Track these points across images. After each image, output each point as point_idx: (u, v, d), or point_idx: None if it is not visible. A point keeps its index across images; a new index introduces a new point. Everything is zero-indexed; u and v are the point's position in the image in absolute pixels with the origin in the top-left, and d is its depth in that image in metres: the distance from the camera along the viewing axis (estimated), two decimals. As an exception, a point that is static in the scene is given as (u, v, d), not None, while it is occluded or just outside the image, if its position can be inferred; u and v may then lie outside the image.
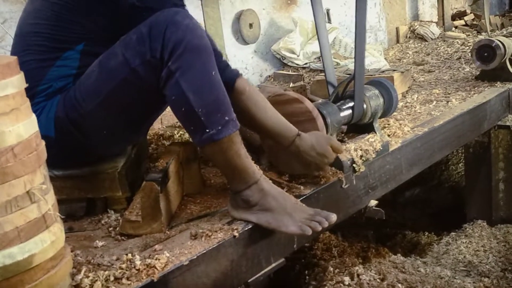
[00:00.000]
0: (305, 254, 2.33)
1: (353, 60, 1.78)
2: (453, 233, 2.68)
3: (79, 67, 1.38)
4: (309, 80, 3.11)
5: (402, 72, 2.65)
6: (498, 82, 2.72)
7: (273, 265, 1.41)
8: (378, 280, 1.89)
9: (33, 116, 0.93)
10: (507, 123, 2.63)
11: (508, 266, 2.44)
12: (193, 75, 1.22)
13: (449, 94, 2.65)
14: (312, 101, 1.61)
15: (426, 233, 2.78)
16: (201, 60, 1.23)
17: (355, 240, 2.54)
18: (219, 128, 1.23)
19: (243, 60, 3.36)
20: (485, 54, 2.69)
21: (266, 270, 1.39)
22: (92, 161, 1.43)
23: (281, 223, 1.29)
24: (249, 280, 1.35)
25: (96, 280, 1.06)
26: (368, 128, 1.82)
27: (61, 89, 1.37)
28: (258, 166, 1.34)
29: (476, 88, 2.70)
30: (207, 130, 1.23)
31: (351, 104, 1.75)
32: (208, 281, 1.23)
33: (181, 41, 1.21)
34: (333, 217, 1.30)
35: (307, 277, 2.08)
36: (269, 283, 2.07)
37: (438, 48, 4.07)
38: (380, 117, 1.89)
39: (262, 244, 1.37)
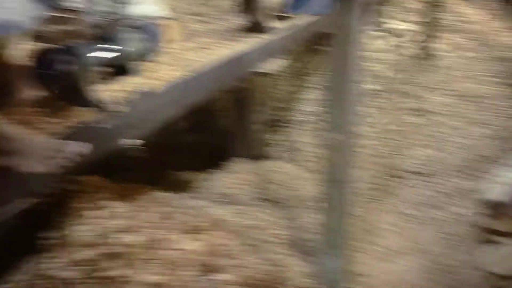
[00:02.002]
0: (60, 196, 2.22)
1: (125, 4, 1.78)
2: (216, 171, 2.96)
3: None
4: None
5: (173, 20, 2.72)
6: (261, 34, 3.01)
7: (23, 206, 1.38)
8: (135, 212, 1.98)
9: None
10: (263, 71, 2.97)
11: (263, 196, 2.84)
12: None
13: (218, 43, 2.83)
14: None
15: (191, 172, 2.99)
16: None
17: (115, 180, 2.50)
18: None
19: None
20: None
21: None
22: None
23: (22, 165, 1.25)
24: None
25: None
26: (131, 70, 1.86)
27: None
28: None
29: (243, 39, 2.95)
30: None
31: (114, 46, 1.76)
32: None
33: None
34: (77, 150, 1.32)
35: (61, 217, 2.02)
36: (20, 224, 1.95)
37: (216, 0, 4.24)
38: (145, 61, 1.95)
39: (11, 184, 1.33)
